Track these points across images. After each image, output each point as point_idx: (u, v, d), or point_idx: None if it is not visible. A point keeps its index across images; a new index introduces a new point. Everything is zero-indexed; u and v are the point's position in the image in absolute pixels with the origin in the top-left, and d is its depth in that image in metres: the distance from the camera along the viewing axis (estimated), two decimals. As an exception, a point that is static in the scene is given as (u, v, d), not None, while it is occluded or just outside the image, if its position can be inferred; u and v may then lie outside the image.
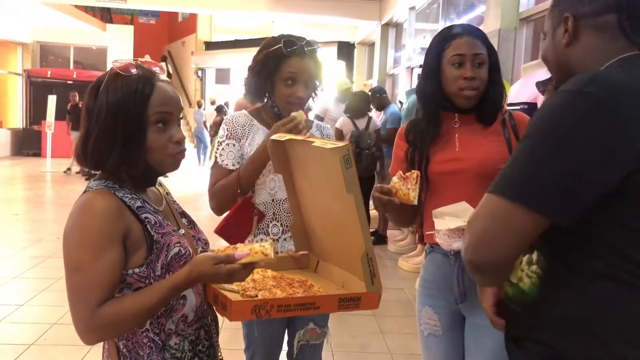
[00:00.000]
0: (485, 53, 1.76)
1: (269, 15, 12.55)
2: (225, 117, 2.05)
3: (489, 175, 1.67)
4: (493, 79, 1.77)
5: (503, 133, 1.76)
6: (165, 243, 1.25)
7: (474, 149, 1.77)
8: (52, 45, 16.81)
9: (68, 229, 1.21)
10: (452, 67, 1.75)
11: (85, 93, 1.29)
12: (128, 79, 1.24)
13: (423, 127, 1.85)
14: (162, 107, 1.25)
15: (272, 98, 1.99)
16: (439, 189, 1.82)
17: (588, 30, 1.16)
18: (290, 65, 1.91)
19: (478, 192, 1.68)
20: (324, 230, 1.55)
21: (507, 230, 1.03)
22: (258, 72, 1.96)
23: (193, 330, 1.32)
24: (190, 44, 19.19)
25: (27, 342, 3.47)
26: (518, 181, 1.04)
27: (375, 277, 1.32)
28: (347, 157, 1.25)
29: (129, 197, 1.26)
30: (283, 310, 1.25)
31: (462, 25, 1.83)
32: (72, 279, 1.19)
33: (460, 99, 1.77)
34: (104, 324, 1.17)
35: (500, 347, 1.68)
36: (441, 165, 1.81)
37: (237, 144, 1.97)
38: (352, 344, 3.69)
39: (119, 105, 1.22)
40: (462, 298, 1.77)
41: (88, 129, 1.25)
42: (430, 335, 1.90)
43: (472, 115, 1.81)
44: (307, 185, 1.57)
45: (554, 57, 1.23)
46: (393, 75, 9.86)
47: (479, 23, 5.81)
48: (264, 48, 1.98)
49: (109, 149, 1.23)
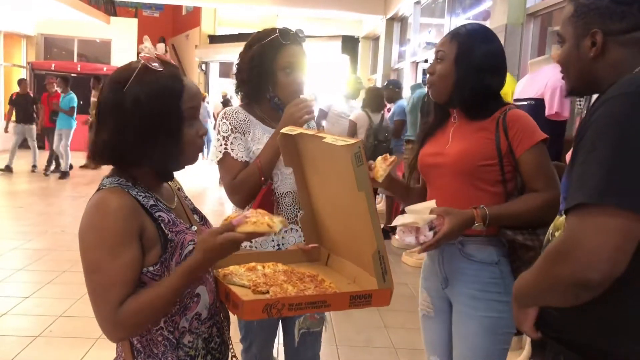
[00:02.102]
0: (449, 49, 1.81)
1: (273, 9, 12.51)
2: (224, 111, 2.02)
3: (467, 171, 1.77)
4: (458, 73, 1.79)
5: (494, 130, 1.76)
6: (179, 241, 1.25)
7: (459, 144, 1.81)
8: (56, 37, 16.78)
9: (83, 228, 1.21)
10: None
11: (104, 86, 1.26)
12: (159, 74, 1.23)
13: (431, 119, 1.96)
14: (192, 102, 1.27)
15: (272, 89, 1.98)
16: (428, 182, 1.93)
17: (616, 45, 1.19)
18: (288, 53, 1.95)
19: (456, 186, 1.81)
20: (335, 225, 1.55)
21: (625, 239, 0.98)
22: (257, 66, 1.95)
23: (206, 328, 1.32)
24: (194, 38, 19.14)
25: (33, 334, 3.49)
26: (616, 186, 0.99)
27: (386, 274, 1.32)
28: (358, 155, 1.24)
29: (142, 195, 1.25)
30: (294, 309, 1.24)
31: (458, 26, 1.91)
32: (91, 280, 1.19)
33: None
34: (127, 321, 1.17)
35: (479, 333, 1.79)
36: (426, 158, 1.91)
37: (242, 137, 1.97)
38: (356, 339, 3.70)
39: (158, 100, 1.22)
40: (445, 283, 1.87)
41: (119, 124, 1.22)
42: (425, 317, 2.01)
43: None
44: (318, 179, 1.57)
45: (578, 67, 1.25)
46: (398, 69, 9.83)
47: (485, 18, 5.78)
48: (255, 42, 1.99)
49: (150, 144, 1.23)
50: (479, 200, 1.75)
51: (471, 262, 1.79)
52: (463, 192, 1.79)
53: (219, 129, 1.98)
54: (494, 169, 1.75)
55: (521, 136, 1.72)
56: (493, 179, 1.76)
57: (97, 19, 15.21)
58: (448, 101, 1.86)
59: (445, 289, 1.88)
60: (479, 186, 1.77)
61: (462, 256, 1.80)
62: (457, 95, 1.81)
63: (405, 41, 9.64)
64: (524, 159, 1.72)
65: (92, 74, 13.82)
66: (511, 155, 1.73)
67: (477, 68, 1.77)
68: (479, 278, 1.78)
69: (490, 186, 1.77)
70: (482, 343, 1.79)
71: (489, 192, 1.77)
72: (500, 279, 1.77)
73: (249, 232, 1.19)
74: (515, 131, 1.73)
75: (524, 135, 1.72)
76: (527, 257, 1.71)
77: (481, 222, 1.68)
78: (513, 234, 1.73)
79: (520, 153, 1.72)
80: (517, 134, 1.72)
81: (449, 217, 1.65)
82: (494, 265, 1.77)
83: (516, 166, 1.74)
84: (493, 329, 1.78)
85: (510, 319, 1.77)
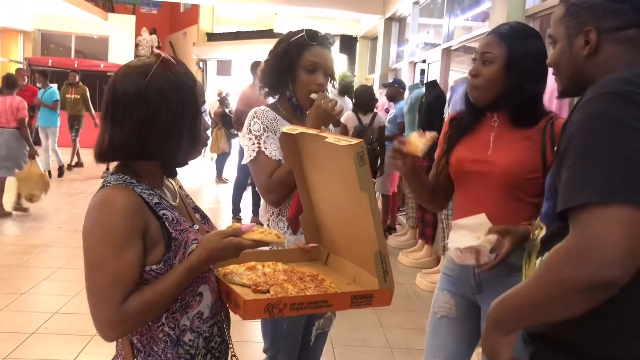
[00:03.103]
0: (498, 52, 1.72)
1: (271, 8, 12.49)
2: (254, 111, 2.01)
3: (513, 184, 1.71)
4: (511, 79, 1.72)
5: (540, 141, 1.71)
6: (183, 240, 1.25)
7: (504, 154, 1.75)
8: (54, 33, 16.71)
9: (88, 226, 1.20)
10: (471, 63, 1.81)
11: (116, 82, 1.25)
12: (177, 68, 1.26)
13: (464, 117, 1.89)
14: (202, 97, 1.31)
15: (292, 87, 2.00)
16: (462, 186, 1.86)
17: (608, 42, 1.19)
18: (312, 53, 1.97)
19: (497, 196, 1.75)
20: (336, 225, 1.55)
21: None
22: (280, 61, 1.98)
23: (208, 327, 1.32)
24: (192, 35, 19.09)
25: (28, 330, 3.47)
26: (623, 182, 0.98)
27: (388, 274, 1.32)
28: (361, 155, 1.24)
29: (147, 192, 1.25)
30: (296, 309, 1.25)
31: (501, 25, 1.82)
32: (93, 276, 1.19)
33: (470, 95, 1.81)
34: (129, 319, 1.17)
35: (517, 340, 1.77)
36: (467, 163, 1.82)
37: (274, 136, 1.95)
38: (352, 338, 3.70)
39: (181, 92, 1.24)
40: (478, 289, 1.82)
41: (143, 116, 1.22)
42: (444, 318, 1.94)
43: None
44: (319, 179, 1.57)
45: (571, 67, 1.25)
46: (396, 69, 9.83)
47: (484, 19, 5.79)
48: (283, 40, 2.02)
49: (176, 136, 1.25)
50: (517, 210, 1.72)
51: (510, 269, 1.70)
52: (503, 203, 1.74)
53: (251, 128, 1.95)
54: (538, 181, 1.69)
55: None
56: (535, 192, 1.71)
57: (95, 15, 15.16)
58: (492, 105, 1.78)
59: (475, 294, 1.84)
60: (520, 197, 1.74)
61: (504, 266, 1.70)
62: (507, 101, 1.73)
63: (403, 41, 9.63)
64: None
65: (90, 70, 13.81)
66: None
67: (531, 73, 1.70)
68: (516, 284, 1.76)
69: (530, 197, 1.73)
70: (518, 349, 1.78)
71: (528, 203, 1.73)
72: None
73: (255, 239, 1.22)
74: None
75: None
76: None
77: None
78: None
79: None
80: None
81: (509, 237, 1.61)
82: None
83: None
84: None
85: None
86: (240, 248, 1.23)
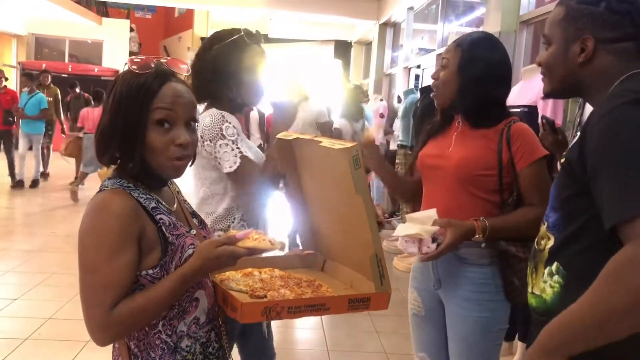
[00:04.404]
0: (452, 57, 1.83)
1: (266, 13, 12.51)
2: (221, 115, 1.94)
3: (466, 178, 1.81)
4: (461, 82, 1.82)
5: (497, 141, 1.78)
6: (179, 245, 1.24)
7: (460, 150, 1.84)
8: (47, 38, 16.67)
9: (84, 229, 1.20)
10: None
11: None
12: (140, 76, 1.23)
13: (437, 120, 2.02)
14: (165, 105, 1.22)
15: (235, 89, 1.96)
16: (425, 182, 1.96)
17: (604, 53, 1.20)
18: (252, 53, 1.96)
19: (453, 191, 1.84)
20: (331, 230, 1.55)
21: None
22: (222, 64, 1.93)
23: (204, 332, 1.31)
24: (186, 40, 19.08)
25: (22, 336, 3.44)
26: None
27: (384, 278, 1.32)
28: (356, 158, 1.25)
29: (144, 197, 1.25)
30: (293, 312, 1.25)
31: (465, 34, 1.94)
32: (86, 280, 1.18)
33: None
34: (118, 324, 1.16)
35: (475, 333, 1.84)
36: (427, 158, 1.94)
37: (245, 138, 1.97)
38: (347, 344, 3.69)
39: (123, 99, 1.22)
40: (437, 284, 1.91)
41: (100, 122, 1.27)
42: (414, 316, 2.05)
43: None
44: (314, 184, 1.57)
45: (563, 71, 1.26)
46: (390, 75, 9.86)
47: (478, 25, 5.82)
48: (216, 42, 1.96)
49: (109, 141, 1.24)
50: (473, 206, 1.79)
51: (464, 264, 1.84)
52: (459, 198, 1.82)
53: (224, 133, 1.89)
54: (492, 179, 1.78)
55: (524, 151, 1.76)
56: (490, 188, 1.79)
57: (89, 19, 15.14)
58: (451, 107, 1.89)
59: (437, 289, 1.93)
60: (475, 193, 1.81)
61: (455, 259, 1.84)
62: (459, 102, 1.84)
63: (397, 46, 9.67)
64: (524, 173, 1.76)
65: (84, 74, 13.75)
66: (512, 168, 1.77)
67: (479, 78, 1.79)
68: (472, 279, 1.83)
69: (486, 194, 1.80)
70: (478, 342, 1.85)
71: (484, 199, 1.80)
72: (491, 279, 1.82)
73: (249, 247, 1.19)
74: (518, 145, 1.76)
75: (526, 150, 1.76)
76: (516, 268, 1.77)
77: (481, 234, 1.72)
78: (506, 244, 1.77)
79: (522, 167, 1.76)
80: (520, 148, 1.76)
81: (452, 229, 1.68)
82: (486, 266, 1.82)
83: (515, 178, 1.78)
84: (487, 328, 1.84)
85: (501, 315, 1.86)
86: (235, 257, 1.20)
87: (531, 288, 1.28)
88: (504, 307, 1.85)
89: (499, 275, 1.81)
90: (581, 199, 1.12)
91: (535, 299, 1.25)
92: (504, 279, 1.81)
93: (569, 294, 1.15)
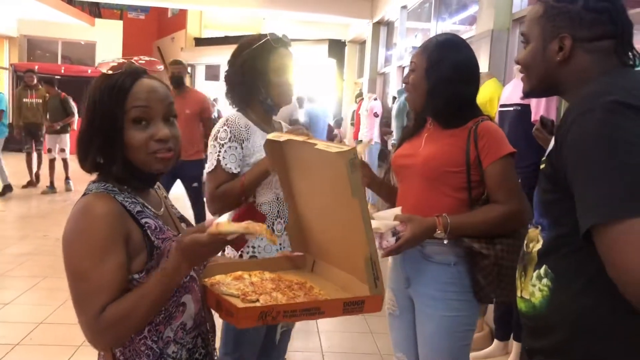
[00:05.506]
0: (419, 61, 1.87)
1: (259, 12, 12.49)
2: (225, 118, 2.05)
3: (433, 175, 1.84)
4: (429, 84, 1.85)
5: (465, 139, 1.81)
6: (165, 249, 1.22)
7: (429, 149, 1.87)
8: (40, 39, 16.60)
9: (68, 234, 1.18)
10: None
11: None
12: (111, 77, 1.22)
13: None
14: (139, 102, 1.21)
15: (264, 91, 2.04)
16: (400, 182, 1.99)
17: (582, 51, 1.20)
18: (279, 56, 2.04)
19: (421, 189, 1.87)
20: (323, 231, 1.53)
21: None
22: (250, 68, 2.02)
23: (191, 338, 1.29)
24: (179, 40, 19.05)
25: (13, 342, 3.41)
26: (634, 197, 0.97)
27: (378, 280, 1.31)
28: (353, 161, 1.23)
29: (129, 201, 1.23)
30: (289, 316, 1.23)
31: (431, 37, 2.00)
32: (76, 286, 1.16)
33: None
34: (109, 328, 1.14)
35: (439, 333, 1.85)
36: (399, 158, 1.98)
37: (239, 147, 1.99)
38: (341, 345, 3.68)
39: (97, 101, 1.21)
40: (407, 283, 1.94)
41: (79, 128, 1.25)
42: (390, 315, 2.07)
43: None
44: (306, 186, 1.55)
45: (542, 70, 1.26)
46: (384, 74, 9.86)
47: (471, 23, 5.81)
48: (245, 47, 2.06)
49: (88, 146, 1.22)
50: (442, 204, 1.81)
51: (430, 263, 1.85)
52: (427, 196, 1.85)
53: (218, 135, 1.99)
54: (460, 176, 1.80)
55: (489, 148, 1.78)
56: (458, 186, 1.82)
57: (82, 20, 15.09)
58: (422, 109, 1.92)
59: (407, 288, 1.95)
60: (443, 191, 1.83)
61: (421, 257, 1.86)
62: (429, 104, 1.88)
63: (391, 45, 9.66)
64: (490, 170, 1.78)
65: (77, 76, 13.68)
66: (479, 165, 1.79)
67: (446, 78, 1.82)
68: (438, 278, 1.85)
69: (454, 192, 1.82)
70: (443, 342, 1.86)
71: (453, 197, 1.82)
72: (457, 279, 1.83)
73: (222, 231, 1.12)
74: (484, 142, 1.78)
75: (492, 147, 1.78)
76: (482, 265, 1.78)
77: (443, 230, 1.74)
78: (470, 241, 1.78)
79: (487, 164, 1.78)
80: (486, 145, 1.78)
81: (411, 224, 1.71)
82: (452, 266, 1.83)
83: (482, 176, 1.79)
84: (453, 328, 1.85)
85: (468, 316, 1.86)
86: (200, 242, 1.12)
87: (520, 292, 1.26)
88: (472, 307, 1.86)
89: (467, 275, 1.83)
90: (565, 203, 1.11)
91: (524, 303, 1.23)
92: (472, 279, 1.82)
93: (558, 297, 1.14)
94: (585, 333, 1.10)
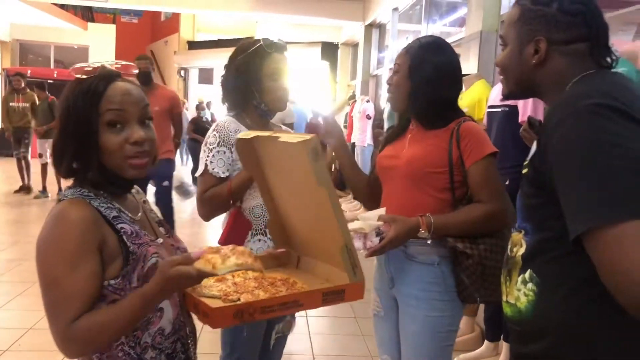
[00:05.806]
0: (402, 62, 1.89)
1: (252, 16, 12.48)
2: (216, 123, 2.05)
3: (416, 176, 1.85)
4: (412, 85, 1.87)
5: (448, 140, 1.82)
6: (142, 254, 1.21)
7: (412, 149, 1.89)
8: (32, 43, 16.56)
9: (42, 240, 1.17)
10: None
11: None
12: (85, 81, 1.21)
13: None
14: (113, 105, 1.20)
15: (259, 96, 2.03)
16: (384, 183, 1.98)
17: (557, 54, 1.20)
18: (273, 61, 2.02)
19: (405, 190, 1.88)
20: (301, 225, 1.52)
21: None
22: (244, 73, 2.01)
23: (170, 343, 1.28)
24: (173, 44, 19.03)
25: (1, 348, 3.38)
26: (632, 196, 0.96)
27: (356, 268, 1.29)
28: (315, 149, 1.21)
29: (104, 206, 1.21)
30: (267, 312, 1.21)
31: (415, 39, 1.98)
32: (48, 293, 1.15)
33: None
34: (79, 338, 1.12)
35: (422, 332, 1.85)
36: (383, 160, 1.99)
37: (227, 151, 1.99)
38: (332, 347, 3.67)
39: (70, 106, 1.20)
40: (391, 283, 1.94)
41: (57, 134, 1.24)
42: (375, 316, 2.07)
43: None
44: (279, 181, 1.54)
45: (518, 73, 1.26)
46: (376, 76, 9.86)
47: (461, 25, 5.82)
48: (239, 52, 2.05)
49: (63, 152, 1.22)
50: (425, 204, 1.81)
51: (413, 262, 1.86)
52: (411, 196, 1.85)
53: (208, 140, 2.01)
54: (443, 176, 1.81)
55: (471, 148, 1.79)
56: (441, 186, 1.82)
57: (75, 24, 15.06)
58: (405, 110, 1.95)
59: (391, 289, 1.95)
60: (427, 191, 1.83)
61: (405, 257, 1.86)
62: (411, 105, 1.89)
63: (383, 47, 9.68)
64: (472, 170, 1.79)
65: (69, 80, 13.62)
66: (461, 165, 1.80)
67: (428, 79, 1.84)
68: (421, 278, 1.85)
69: (437, 192, 1.83)
70: (425, 342, 1.86)
71: (436, 198, 1.83)
72: (441, 279, 1.83)
73: (201, 269, 1.10)
74: (466, 143, 1.79)
75: (474, 148, 1.79)
76: (466, 264, 1.78)
77: (426, 230, 1.74)
78: (454, 241, 1.79)
79: (470, 164, 1.79)
80: (468, 145, 1.79)
81: (395, 224, 1.71)
82: (435, 266, 1.84)
83: (465, 176, 1.80)
84: (435, 328, 1.85)
85: (451, 317, 1.86)
86: (189, 277, 1.09)
87: (505, 296, 1.25)
88: (455, 308, 1.86)
89: (450, 276, 1.83)
90: (550, 207, 1.10)
91: (510, 307, 1.22)
92: (455, 279, 1.82)
93: (544, 302, 1.14)
94: (573, 338, 1.10)
